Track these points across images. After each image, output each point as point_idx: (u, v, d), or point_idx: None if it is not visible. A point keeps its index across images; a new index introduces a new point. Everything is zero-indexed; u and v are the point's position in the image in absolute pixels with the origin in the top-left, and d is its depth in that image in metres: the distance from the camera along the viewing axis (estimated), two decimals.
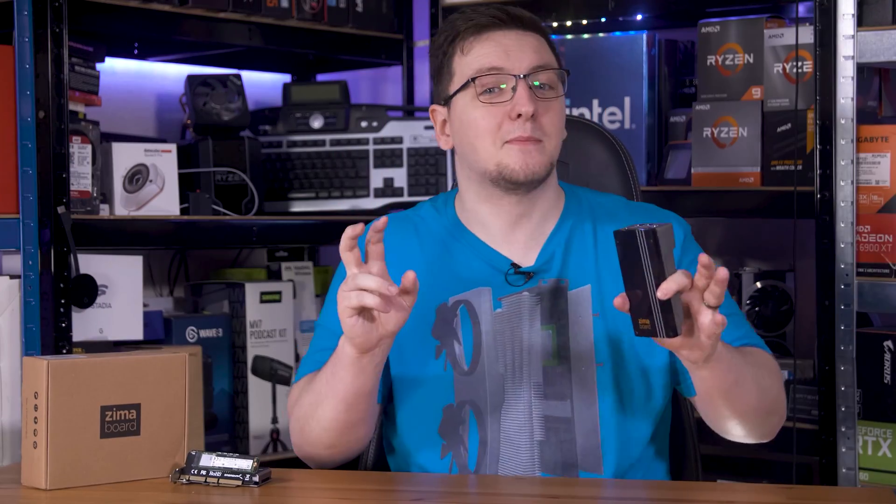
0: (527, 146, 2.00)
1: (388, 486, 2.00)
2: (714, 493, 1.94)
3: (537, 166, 2.01)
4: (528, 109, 1.98)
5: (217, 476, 1.94)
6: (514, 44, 2.03)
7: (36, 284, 2.61)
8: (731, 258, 3.32)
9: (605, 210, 2.12)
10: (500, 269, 2.06)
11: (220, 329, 3.10)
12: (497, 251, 2.07)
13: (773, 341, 3.07)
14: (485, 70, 2.02)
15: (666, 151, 3.08)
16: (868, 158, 2.68)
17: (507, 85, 2.01)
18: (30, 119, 2.60)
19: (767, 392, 1.99)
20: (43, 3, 2.60)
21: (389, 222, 2.14)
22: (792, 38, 2.83)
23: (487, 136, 2.01)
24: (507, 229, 2.07)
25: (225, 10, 2.99)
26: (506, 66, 2.01)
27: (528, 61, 2.02)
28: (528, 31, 2.06)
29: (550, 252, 2.07)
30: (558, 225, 2.09)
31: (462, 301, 2.06)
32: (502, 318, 2.05)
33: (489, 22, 2.04)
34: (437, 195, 2.21)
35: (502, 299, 2.06)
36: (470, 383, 2.04)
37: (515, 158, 2.00)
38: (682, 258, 2.05)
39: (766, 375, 1.99)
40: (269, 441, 3.16)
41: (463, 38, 2.05)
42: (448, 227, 2.11)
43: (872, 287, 2.67)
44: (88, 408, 1.95)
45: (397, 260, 2.06)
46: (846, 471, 2.68)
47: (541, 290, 2.05)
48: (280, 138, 3.22)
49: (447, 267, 2.08)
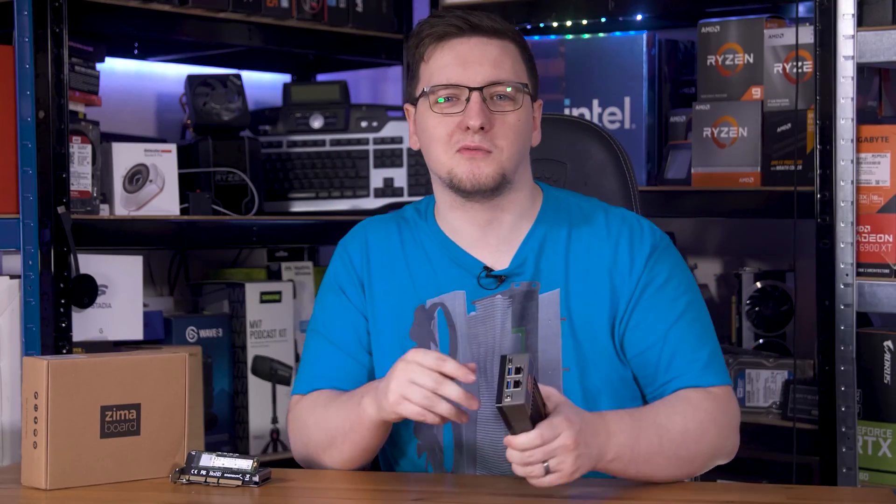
0: (475, 155, 2.00)
1: (388, 486, 2.00)
2: (713, 493, 1.93)
3: (484, 176, 2.01)
4: (475, 123, 1.99)
5: (217, 476, 1.94)
6: (473, 54, 2.03)
7: (36, 284, 2.61)
8: (731, 258, 3.32)
9: (582, 213, 2.11)
10: (473, 272, 2.08)
11: (220, 329, 3.10)
12: (469, 254, 2.09)
13: (773, 341, 3.08)
14: (440, 84, 2.02)
15: (666, 151, 3.08)
16: (868, 158, 2.68)
17: (462, 96, 2.01)
18: (30, 119, 2.60)
19: (691, 449, 1.96)
20: (43, 3, 2.60)
21: (376, 223, 2.19)
22: (792, 38, 2.83)
23: (440, 144, 2.03)
24: (478, 233, 2.09)
25: (225, 10, 2.99)
26: (461, 79, 2.01)
27: (483, 74, 2.01)
28: (490, 39, 2.03)
29: (524, 256, 2.08)
30: (533, 228, 2.09)
31: (438, 304, 2.08)
32: (476, 321, 2.07)
33: (449, 31, 2.04)
34: (421, 199, 2.23)
35: (476, 302, 2.07)
36: None
37: (463, 168, 2.01)
38: (639, 278, 2.04)
39: (690, 434, 1.96)
40: (269, 441, 3.16)
41: (425, 45, 2.06)
42: (427, 231, 2.13)
43: (872, 287, 2.67)
44: (88, 408, 1.95)
45: (380, 260, 2.12)
46: (846, 471, 2.68)
47: (513, 293, 2.06)
48: (280, 138, 3.22)
49: (425, 270, 2.10)
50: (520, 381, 1.75)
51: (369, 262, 2.13)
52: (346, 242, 2.19)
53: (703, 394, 2.01)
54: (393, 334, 2.09)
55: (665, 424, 1.94)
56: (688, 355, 2.02)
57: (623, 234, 2.07)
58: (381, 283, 2.12)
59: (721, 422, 2.00)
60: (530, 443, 1.79)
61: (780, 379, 2.92)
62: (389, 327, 2.10)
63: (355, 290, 2.13)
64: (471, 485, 2.00)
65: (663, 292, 2.05)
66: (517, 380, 1.75)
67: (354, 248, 2.16)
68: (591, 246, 2.08)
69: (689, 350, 2.03)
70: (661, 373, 2.03)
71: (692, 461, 1.97)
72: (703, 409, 1.98)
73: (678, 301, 2.05)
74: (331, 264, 2.19)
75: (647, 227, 2.10)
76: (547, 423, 1.79)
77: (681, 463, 1.95)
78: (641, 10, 3.10)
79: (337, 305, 2.14)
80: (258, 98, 3.52)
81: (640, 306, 2.04)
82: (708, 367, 2.03)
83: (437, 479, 2.03)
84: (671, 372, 2.02)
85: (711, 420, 1.98)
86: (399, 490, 1.97)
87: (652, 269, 2.06)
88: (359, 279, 2.13)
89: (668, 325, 2.03)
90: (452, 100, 2.02)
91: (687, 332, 2.04)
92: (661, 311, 2.04)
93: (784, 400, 2.89)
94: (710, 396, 2.01)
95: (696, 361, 2.02)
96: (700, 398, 2.00)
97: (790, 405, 2.85)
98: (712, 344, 2.06)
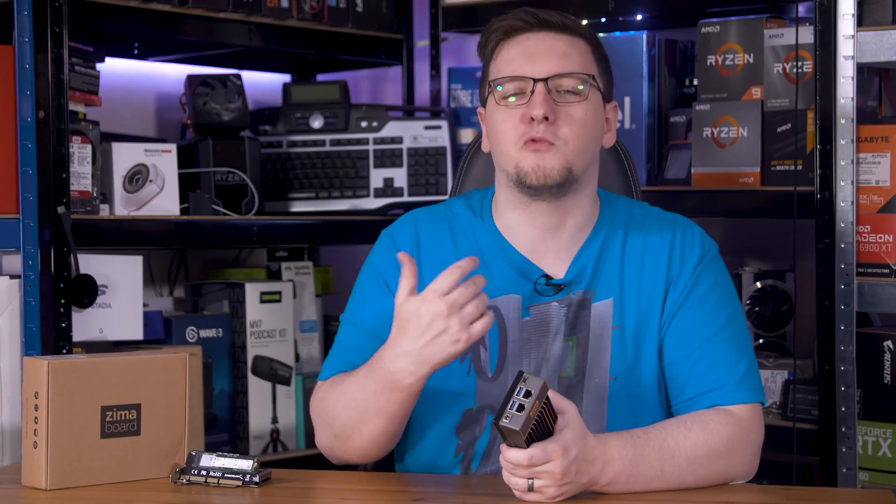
0: (540, 147, 1.98)
1: (388, 487, 2.00)
2: (714, 494, 1.93)
3: (549, 169, 1.98)
4: (539, 113, 1.97)
5: (217, 476, 1.94)
6: (541, 47, 2.02)
7: (36, 284, 2.61)
8: (731, 258, 3.32)
9: (637, 220, 2.09)
10: (531, 278, 2.05)
11: (220, 329, 3.10)
12: (529, 260, 2.05)
13: (773, 341, 3.08)
14: (506, 76, 2.01)
15: (666, 151, 3.08)
16: (868, 158, 2.68)
17: (527, 89, 2.00)
18: (30, 119, 2.60)
19: (697, 475, 1.93)
20: (43, 3, 2.60)
21: (426, 216, 2.13)
22: (792, 38, 2.83)
23: (508, 139, 2.01)
24: (539, 237, 2.05)
25: (225, 10, 2.99)
26: (527, 71, 2.00)
27: (549, 66, 2.00)
28: (560, 34, 2.03)
29: (582, 264, 2.05)
30: (591, 236, 2.06)
31: (491, 305, 2.03)
32: (529, 327, 2.04)
33: (518, 25, 2.04)
34: (470, 192, 2.18)
35: (530, 308, 2.04)
36: (492, 390, 2.04)
37: (529, 161, 1.98)
38: (685, 285, 2.02)
39: (699, 460, 1.92)
40: (269, 441, 3.16)
41: (493, 42, 2.06)
42: (482, 230, 2.09)
43: (872, 287, 2.67)
44: (89, 408, 1.95)
45: (434, 259, 2.07)
46: (846, 471, 2.68)
47: (570, 301, 2.04)
48: (280, 138, 3.22)
49: (479, 270, 2.02)
50: (524, 406, 1.75)
51: (420, 260, 2.07)
52: (393, 233, 2.13)
53: (724, 416, 1.97)
54: None
55: (672, 449, 1.91)
56: (723, 369, 2.00)
57: (676, 243, 2.06)
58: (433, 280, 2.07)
59: (738, 447, 1.96)
60: (518, 461, 1.78)
61: (780, 379, 2.92)
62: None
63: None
64: (471, 485, 2.00)
65: (705, 302, 2.03)
66: (522, 403, 1.75)
67: (404, 241, 2.10)
68: (644, 254, 2.05)
69: (725, 364, 2.00)
70: (693, 385, 2.00)
71: (698, 484, 1.94)
72: (718, 436, 1.95)
73: (719, 313, 2.03)
74: (374, 253, 2.13)
75: (697, 235, 2.08)
76: (541, 447, 1.78)
77: (684, 485, 1.92)
78: (641, 10, 3.10)
79: (378, 297, 2.08)
80: (258, 98, 3.52)
81: (681, 314, 2.02)
82: (741, 383, 2.00)
83: (437, 479, 2.03)
84: (703, 385, 1.99)
85: (725, 447, 1.95)
86: (399, 490, 1.97)
87: (698, 278, 2.04)
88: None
89: (706, 336, 2.01)
90: (519, 95, 2.01)
91: (724, 345, 2.01)
92: (701, 321, 2.02)
93: (784, 400, 2.89)
94: (733, 420, 1.97)
95: (731, 376, 1.99)
96: (719, 422, 1.96)
97: (790, 405, 2.85)
98: (749, 360, 2.03)
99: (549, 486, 1.80)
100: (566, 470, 1.80)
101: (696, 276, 2.04)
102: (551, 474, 1.79)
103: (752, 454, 1.99)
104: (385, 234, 2.14)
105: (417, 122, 3.23)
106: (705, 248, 2.07)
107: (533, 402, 1.75)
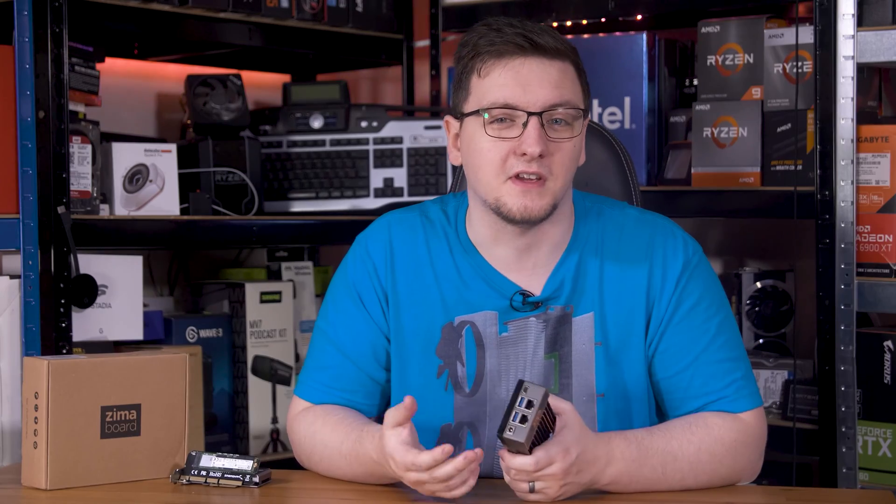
0: (529, 188, 1.92)
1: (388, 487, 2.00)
2: (713, 494, 1.93)
3: (536, 209, 1.92)
4: (534, 150, 1.90)
5: (217, 476, 1.94)
6: (534, 76, 1.92)
7: (36, 284, 2.61)
8: (731, 258, 3.32)
9: (615, 226, 2.03)
10: (506, 294, 2.01)
11: (220, 329, 3.10)
12: (505, 277, 2.01)
13: (773, 341, 3.08)
14: (498, 104, 1.92)
15: (666, 151, 3.08)
16: (868, 158, 2.68)
17: (518, 120, 1.92)
18: (30, 119, 2.60)
19: (700, 479, 1.93)
20: (43, 3, 2.60)
21: (400, 222, 2.09)
22: (792, 38, 2.83)
23: (491, 168, 1.93)
24: (514, 256, 2.00)
25: (225, 10, 2.99)
26: (520, 101, 1.91)
27: (543, 98, 1.92)
28: (553, 60, 1.94)
29: (560, 279, 2.00)
30: (567, 251, 2.01)
31: (468, 322, 2.01)
32: (507, 343, 2.01)
33: (510, 49, 1.93)
34: (445, 196, 2.13)
35: (508, 323, 2.01)
36: (470, 406, 2.02)
37: (515, 199, 1.92)
38: (670, 298, 1.99)
39: (702, 464, 1.92)
40: (269, 441, 3.16)
41: (482, 60, 1.94)
42: (457, 242, 2.04)
43: (872, 287, 2.67)
44: (89, 408, 1.95)
45: (406, 268, 2.04)
46: (846, 471, 2.68)
47: (548, 316, 2.00)
48: (280, 138, 3.22)
49: (455, 284, 2.02)
50: (527, 418, 1.75)
51: (394, 271, 2.04)
52: (367, 242, 2.08)
53: (728, 421, 1.96)
54: (418, 350, 2.02)
55: (675, 452, 1.90)
56: (721, 380, 1.98)
57: (656, 251, 2.00)
58: (408, 294, 2.03)
59: (741, 451, 1.95)
60: (523, 467, 1.79)
61: (780, 379, 2.92)
62: (415, 343, 2.02)
63: (376, 302, 2.05)
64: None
65: (695, 314, 1.99)
66: (525, 415, 1.75)
67: (378, 252, 2.06)
68: (624, 265, 2.00)
69: (720, 375, 1.98)
70: (692, 398, 1.98)
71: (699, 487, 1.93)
72: (721, 441, 1.94)
73: (709, 323, 1.99)
74: (349, 260, 2.09)
75: (679, 240, 2.02)
76: (544, 451, 1.78)
77: (685, 488, 1.92)
78: (641, 10, 3.10)
79: (353, 313, 2.06)
80: (258, 98, 3.53)
81: (671, 330, 1.99)
82: (739, 393, 1.98)
83: None
84: (703, 398, 1.97)
85: (728, 450, 1.94)
86: (399, 490, 1.97)
87: (684, 289, 1.99)
88: (382, 290, 2.04)
89: (700, 348, 1.98)
90: (507, 121, 1.93)
91: (719, 353, 1.99)
92: (692, 334, 1.99)
93: (784, 400, 2.89)
94: (737, 424, 1.96)
95: (730, 386, 1.98)
96: (723, 425, 1.95)
97: (790, 405, 2.85)
98: (744, 366, 2.00)
99: (550, 487, 1.81)
100: (567, 470, 1.80)
101: (681, 287, 2.00)
102: (553, 476, 1.80)
103: (756, 458, 1.99)
104: (359, 242, 2.09)
105: (417, 122, 3.23)
106: (688, 253, 2.01)
107: (535, 412, 1.75)
